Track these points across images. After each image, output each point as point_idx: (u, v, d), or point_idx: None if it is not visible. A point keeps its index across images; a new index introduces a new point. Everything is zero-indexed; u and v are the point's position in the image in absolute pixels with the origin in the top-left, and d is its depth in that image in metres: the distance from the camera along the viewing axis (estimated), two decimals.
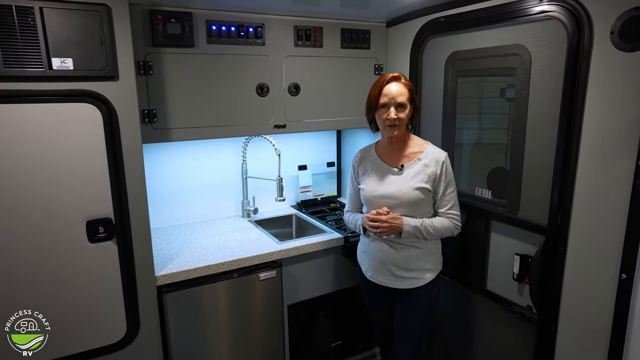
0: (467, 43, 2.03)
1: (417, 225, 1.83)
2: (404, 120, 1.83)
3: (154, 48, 1.93)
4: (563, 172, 1.65)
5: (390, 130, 1.85)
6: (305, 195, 3.01)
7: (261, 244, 2.27)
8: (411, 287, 1.92)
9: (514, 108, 1.86)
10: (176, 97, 2.03)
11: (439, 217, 1.91)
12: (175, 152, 2.54)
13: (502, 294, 2.02)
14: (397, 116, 1.81)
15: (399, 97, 1.81)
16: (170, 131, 2.04)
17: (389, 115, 1.82)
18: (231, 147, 2.70)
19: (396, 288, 1.95)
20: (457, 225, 1.91)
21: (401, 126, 1.85)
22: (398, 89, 1.82)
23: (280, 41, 2.22)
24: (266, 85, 2.22)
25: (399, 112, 1.82)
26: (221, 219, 2.73)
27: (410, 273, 1.91)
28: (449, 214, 1.89)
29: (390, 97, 1.82)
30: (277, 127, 2.31)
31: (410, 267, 1.90)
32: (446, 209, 1.89)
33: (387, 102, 1.83)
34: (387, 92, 1.84)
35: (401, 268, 1.91)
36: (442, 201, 1.89)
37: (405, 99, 1.82)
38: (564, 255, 1.68)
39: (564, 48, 1.60)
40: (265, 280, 2.17)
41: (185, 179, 2.60)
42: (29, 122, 1.56)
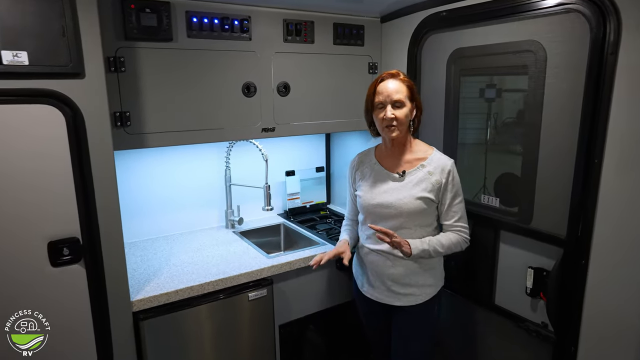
0: (472, 39, 1.88)
1: (425, 248, 1.67)
2: (402, 119, 1.67)
3: (126, 42, 1.70)
4: (584, 179, 1.51)
5: (388, 131, 1.69)
6: (293, 202, 2.81)
7: (249, 259, 2.07)
8: (409, 305, 1.76)
9: (526, 110, 1.72)
10: (152, 98, 1.80)
11: (445, 232, 1.75)
12: (151, 158, 2.30)
13: (512, 310, 1.88)
14: (394, 115, 1.65)
15: (396, 94, 1.65)
16: (146, 136, 1.81)
17: (385, 114, 1.66)
18: (213, 152, 2.48)
19: (393, 305, 1.79)
20: (465, 239, 1.76)
21: (400, 127, 1.68)
22: (395, 86, 1.66)
23: (268, 36, 2.02)
24: (253, 85, 2.02)
25: (396, 110, 1.66)
26: (203, 230, 2.51)
27: (408, 289, 1.74)
28: (456, 227, 1.74)
29: (386, 94, 1.66)
30: (265, 130, 2.11)
31: (409, 283, 1.74)
32: (453, 221, 1.73)
33: (383, 101, 1.67)
34: (382, 89, 1.68)
35: (398, 283, 1.75)
36: (449, 213, 1.73)
37: (403, 97, 1.66)
38: (586, 270, 1.55)
39: (585, 44, 1.46)
40: (255, 300, 1.96)
41: (163, 188, 2.37)
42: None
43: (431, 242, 1.68)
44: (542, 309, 1.76)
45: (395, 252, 1.72)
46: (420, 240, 1.67)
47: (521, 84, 1.73)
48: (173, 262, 2.04)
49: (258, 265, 2.00)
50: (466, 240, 1.76)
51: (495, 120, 1.92)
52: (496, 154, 1.95)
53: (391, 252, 1.73)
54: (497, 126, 1.92)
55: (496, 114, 1.91)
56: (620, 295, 1.47)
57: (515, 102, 1.79)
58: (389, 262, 1.75)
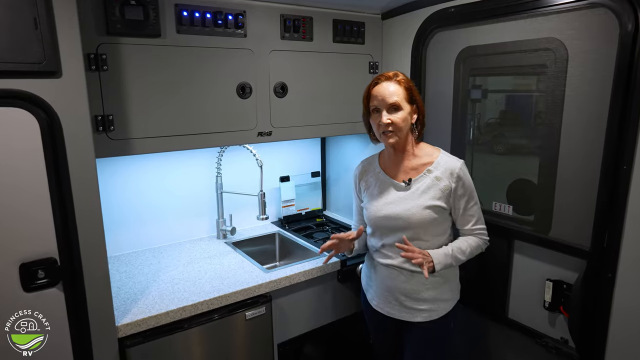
0: (484, 37, 1.76)
1: (448, 262, 1.56)
2: (399, 124, 1.54)
3: (108, 37, 1.53)
4: (612, 187, 1.41)
5: (386, 137, 1.57)
6: (288, 210, 2.66)
7: (245, 274, 1.91)
8: (423, 321, 1.63)
9: (544, 112, 1.61)
10: (138, 100, 1.63)
11: (463, 237, 1.63)
12: (136, 165, 2.12)
13: (528, 324, 1.76)
14: (390, 120, 1.52)
15: (391, 97, 1.53)
16: (131, 142, 1.64)
17: (381, 120, 1.54)
18: (203, 157, 2.31)
19: (406, 320, 1.66)
20: (485, 241, 1.66)
21: (399, 132, 1.56)
22: (390, 89, 1.54)
23: (264, 32, 1.87)
24: (249, 85, 1.86)
25: (392, 115, 1.53)
26: (193, 241, 2.34)
27: (422, 304, 1.62)
28: (476, 231, 1.63)
29: (380, 98, 1.54)
30: (262, 134, 1.95)
31: (423, 298, 1.62)
32: (471, 226, 1.62)
33: (378, 105, 1.56)
34: (376, 93, 1.56)
35: (412, 298, 1.62)
36: (465, 217, 1.61)
37: (399, 99, 1.54)
38: (613, 284, 1.44)
39: (613, 41, 1.36)
40: (253, 319, 1.80)
41: (149, 196, 2.19)
42: None
43: (453, 252, 1.57)
44: (561, 324, 1.65)
45: (407, 267, 1.60)
46: (444, 253, 1.55)
47: (539, 85, 1.62)
48: (162, 279, 1.87)
49: (255, 280, 1.84)
50: (486, 241, 1.66)
51: (508, 123, 1.81)
52: (509, 159, 1.83)
53: (404, 267, 1.61)
54: (510, 130, 1.80)
55: (509, 116, 1.79)
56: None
57: (531, 104, 1.68)
58: (402, 276, 1.63)
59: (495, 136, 1.90)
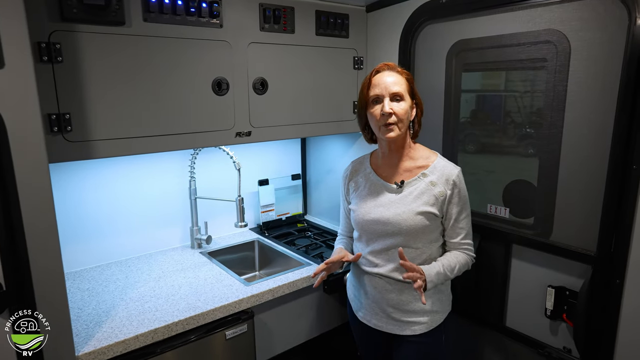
0: (478, 29, 1.66)
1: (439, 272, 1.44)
2: (402, 116, 1.42)
3: (63, 24, 1.33)
4: (620, 188, 1.32)
5: (386, 130, 1.43)
6: (267, 215, 2.49)
7: (224, 288, 1.74)
8: (413, 334, 1.51)
9: (545, 109, 1.52)
10: (100, 96, 1.43)
11: (452, 252, 1.52)
12: (98, 170, 1.92)
13: (527, 333, 1.67)
14: (392, 110, 1.40)
15: (394, 86, 1.41)
16: (92, 144, 1.44)
17: (383, 108, 1.40)
18: (175, 161, 2.12)
19: (395, 334, 1.54)
20: (472, 257, 1.55)
21: (400, 125, 1.43)
22: (392, 78, 1.43)
23: (242, 23, 1.70)
24: (225, 81, 1.69)
25: (395, 104, 1.41)
26: (164, 252, 2.14)
27: (412, 316, 1.50)
28: (463, 246, 1.52)
29: (383, 86, 1.42)
30: (240, 135, 1.79)
31: (413, 310, 1.50)
32: (460, 239, 1.51)
33: (380, 94, 1.42)
34: (378, 81, 1.44)
35: (400, 310, 1.50)
36: (455, 229, 1.50)
37: (402, 89, 1.42)
38: (621, 290, 1.36)
39: (621, 33, 1.27)
40: (234, 338, 1.64)
41: (114, 205, 1.98)
42: None
43: (444, 269, 1.45)
44: (564, 333, 1.57)
45: (395, 276, 1.47)
46: (436, 272, 1.43)
47: (538, 80, 1.53)
48: (130, 297, 1.67)
49: (235, 295, 1.68)
50: (472, 258, 1.55)
51: (504, 121, 1.71)
52: (505, 159, 1.74)
53: (392, 276, 1.48)
54: (507, 128, 1.71)
55: (506, 114, 1.69)
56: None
57: (530, 100, 1.58)
58: (389, 286, 1.50)
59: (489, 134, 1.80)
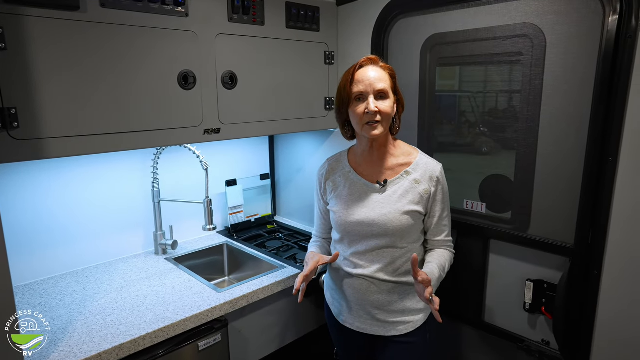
0: (452, 23, 1.65)
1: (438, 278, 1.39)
2: (387, 114, 1.37)
3: (7, 6, 1.17)
4: (597, 181, 1.34)
5: (370, 128, 1.38)
6: (236, 217, 2.39)
7: (194, 296, 1.62)
8: (398, 334, 1.47)
9: (521, 103, 1.52)
10: (52, 90, 1.28)
11: (436, 250, 1.49)
12: (51, 172, 1.75)
13: (506, 328, 1.68)
14: (377, 108, 1.35)
15: (379, 83, 1.36)
16: (43, 142, 1.29)
17: (368, 107, 1.35)
18: (136, 161, 1.98)
19: (379, 335, 1.50)
20: (454, 254, 1.53)
21: (385, 123, 1.39)
22: (377, 73, 1.37)
23: (209, 12, 1.60)
24: (192, 74, 1.58)
25: (380, 102, 1.36)
26: (126, 259, 1.99)
27: (397, 316, 1.47)
28: (447, 243, 1.51)
29: (368, 83, 1.36)
30: (209, 132, 1.68)
31: (397, 309, 1.46)
32: (444, 236, 1.49)
33: (364, 91, 1.36)
34: (361, 77, 1.38)
35: (385, 311, 1.46)
36: (439, 227, 1.47)
37: (387, 86, 1.37)
38: (599, 281, 1.38)
39: (596, 27, 1.29)
40: (207, 348, 1.53)
41: (69, 210, 1.82)
42: None
43: (440, 271, 1.40)
44: (542, 326, 1.58)
45: (380, 276, 1.43)
46: (437, 278, 1.38)
47: (514, 74, 1.53)
48: (89, 310, 1.52)
49: (207, 303, 1.57)
50: (454, 254, 1.53)
51: (479, 116, 1.71)
52: (481, 154, 1.73)
53: (376, 276, 1.43)
54: (482, 123, 1.70)
55: (481, 108, 1.69)
56: (638, 309, 1.31)
57: (506, 94, 1.58)
58: (373, 286, 1.45)
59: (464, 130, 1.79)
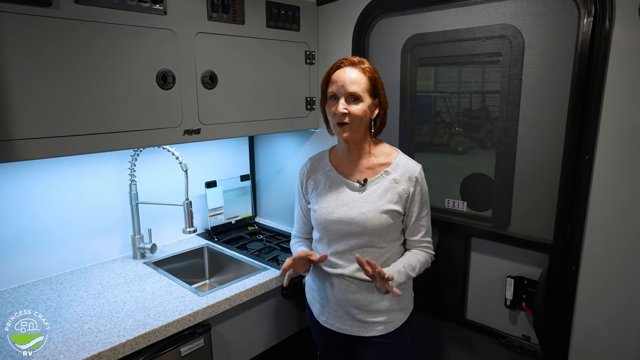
0: (433, 24, 1.66)
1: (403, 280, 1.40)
2: (357, 117, 1.38)
3: None
4: (574, 178, 1.37)
5: (340, 130, 1.40)
6: (216, 219, 2.35)
7: (175, 300, 1.59)
8: (379, 335, 1.48)
9: (500, 103, 1.55)
10: (22, 89, 1.23)
11: (411, 250, 1.50)
12: (21, 175, 1.68)
13: (488, 324, 1.71)
14: (346, 110, 1.36)
15: (351, 85, 1.37)
16: (13, 145, 1.23)
17: (337, 108, 1.37)
18: (112, 162, 1.92)
19: (359, 335, 1.50)
20: (432, 256, 1.54)
21: (354, 125, 1.40)
22: (352, 76, 1.38)
23: (188, 10, 1.56)
24: (171, 73, 1.54)
25: (350, 105, 1.37)
26: (102, 264, 1.93)
27: (376, 316, 1.47)
28: (423, 243, 1.51)
29: (340, 84, 1.38)
30: (189, 133, 1.64)
31: (377, 309, 1.47)
32: (420, 237, 1.49)
33: (336, 91, 1.39)
34: (336, 78, 1.40)
35: (365, 311, 1.47)
36: (416, 227, 1.48)
37: (360, 90, 1.38)
38: (576, 276, 1.41)
39: (572, 28, 1.33)
40: (190, 354, 1.50)
41: (41, 214, 1.75)
42: None
43: (405, 269, 1.42)
44: (523, 321, 1.61)
45: (359, 276, 1.42)
46: (397, 270, 1.39)
47: (493, 75, 1.56)
48: (65, 318, 1.47)
49: (189, 307, 1.53)
50: (432, 256, 1.54)
51: (459, 116, 1.73)
52: (461, 154, 1.76)
53: (356, 276, 1.43)
54: (462, 123, 1.73)
55: (461, 108, 1.71)
56: (614, 303, 1.35)
57: (485, 95, 1.61)
58: (353, 286, 1.46)
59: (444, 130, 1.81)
